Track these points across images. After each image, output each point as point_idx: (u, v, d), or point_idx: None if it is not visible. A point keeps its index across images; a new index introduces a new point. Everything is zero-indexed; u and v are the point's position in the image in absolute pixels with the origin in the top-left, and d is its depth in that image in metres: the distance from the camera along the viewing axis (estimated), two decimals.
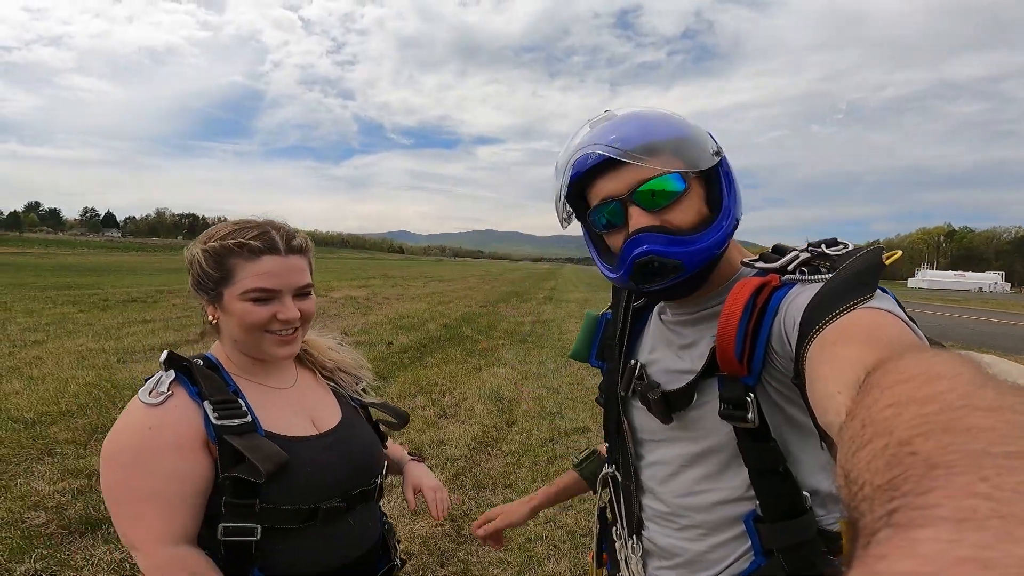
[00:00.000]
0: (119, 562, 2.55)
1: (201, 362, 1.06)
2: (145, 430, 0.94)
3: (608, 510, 1.13)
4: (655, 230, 0.81)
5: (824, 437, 0.78)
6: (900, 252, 0.76)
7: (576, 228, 0.97)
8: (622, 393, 1.00)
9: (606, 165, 0.83)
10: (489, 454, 4.13)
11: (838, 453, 0.33)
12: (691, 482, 0.90)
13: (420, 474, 1.33)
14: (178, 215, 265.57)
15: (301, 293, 1.06)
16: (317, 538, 1.04)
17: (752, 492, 0.82)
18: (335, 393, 1.23)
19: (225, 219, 1.17)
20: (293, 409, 1.11)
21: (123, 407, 0.99)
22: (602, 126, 0.84)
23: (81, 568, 2.50)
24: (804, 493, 0.79)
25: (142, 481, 0.92)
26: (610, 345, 1.06)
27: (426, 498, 1.28)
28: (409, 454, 1.40)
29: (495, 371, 6.81)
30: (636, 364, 0.97)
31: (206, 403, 0.98)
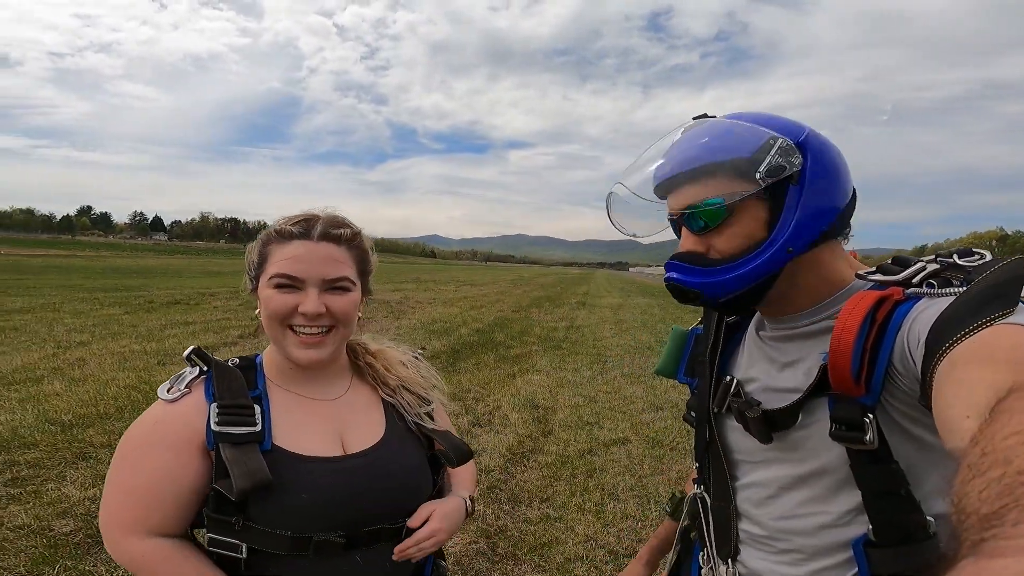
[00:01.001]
0: None
1: (238, 361, 1.02)
2: (151, 424, 0.94)
3: (694, 533, 1.05)
4: (684, 257, 0.83)
5: None
6: None
7: (607, 233, 0.89)
8: (715, 410, 0.96)
9: (670, 180, 0.84)
10: (525, 465, 3.98)
11: (955, 480, 0.31)
12: (793, 505, 0.85)
13: (443, 508, 1.05)
14: (221, 219, 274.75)
15: (334, 287, 0.96)
16: (312, 571, 0.93)
17: (864, 516, 0.77)
18: (392, 414, 1.09)
19: (264, 223, 1.09)
20: (322, 425, 1.01)
21: None
22: (681, 141, 0.84)
23: None
24: (928, 518, 0.73)
25: (130, 472, 0.92)
26: (701, 361, 1.02)
27: (412, 526, 1.01)
28: (468, 497, 1.15)
29: (529, 378, 6.66)
30: (732, 380, 0.93)
31: (213, 406, 0.93)
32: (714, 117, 0.86)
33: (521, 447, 4.31)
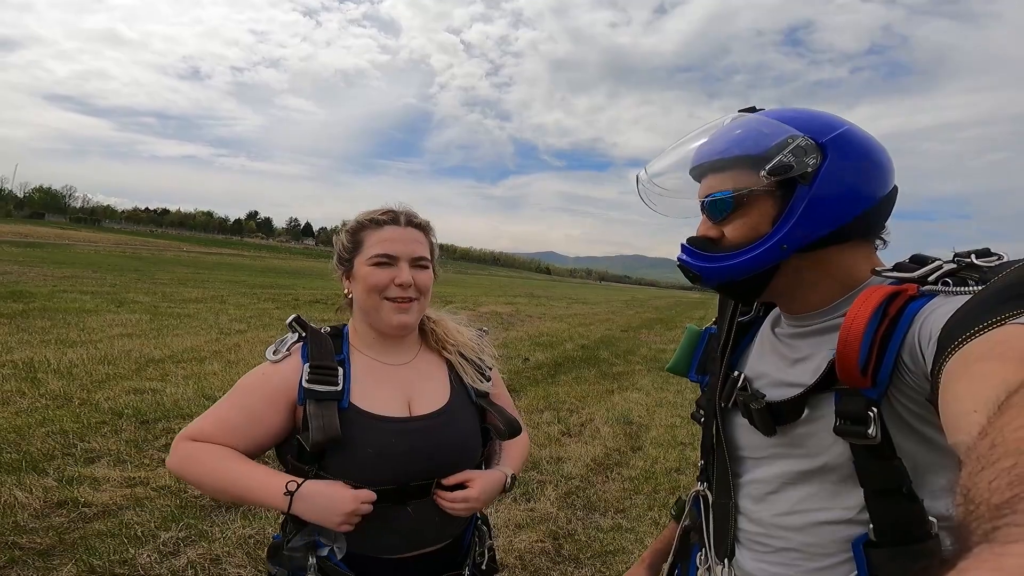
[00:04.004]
0: (247, 537, 2.77)
1: (329, 329, 1.22)
2: (259, 374, 1.14)
3: (694, 533, 1.07)
4: (694, 242, 0.88)
5: None
6: None
7: None
8: (721, 405, 0.97)
9: (697, 168, 0.89)
10: (607, 477, 4.04)
11: (962, 472, 0.31)
12: (793, 502, 0.85)
13: (484, 480, 1.16)
14: None
15: (418, 264, 1.16)
16: (372, 519, 1.06)
17: (865, 515, 0.76)
18: (455, 381, 1.23)
19: None
20: (394, 388, 1.16)
21: None
22: (715, 132, 0.88)
23: (215, 540, 2.71)
24: (931, 518, 0.72)
25: (227, 404, 1.13)
26: (713, 358, 1.03)
27: (445, 484, 1.13)
28: (511, 476, 1.24)
29: (628, 395, 6.66)
30: (740, 376, 0.95)
31: (306, 366, 1.10)
32: (762, 110, 0.88)
33: (607, 459, 4.38)
